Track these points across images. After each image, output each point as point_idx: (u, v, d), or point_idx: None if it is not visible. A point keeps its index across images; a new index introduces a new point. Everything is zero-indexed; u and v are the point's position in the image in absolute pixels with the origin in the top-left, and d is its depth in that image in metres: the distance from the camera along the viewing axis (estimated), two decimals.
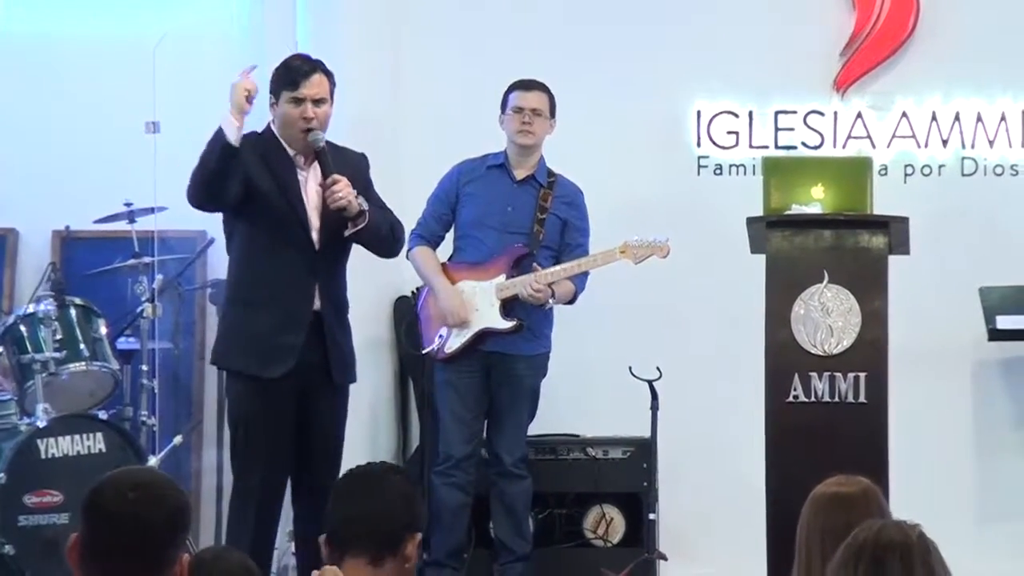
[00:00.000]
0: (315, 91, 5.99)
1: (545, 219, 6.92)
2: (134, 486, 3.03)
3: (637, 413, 6.99)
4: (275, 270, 5.98)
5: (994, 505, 7.54)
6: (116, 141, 7.59)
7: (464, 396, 6.88)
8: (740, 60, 7.87)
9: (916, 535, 2.87)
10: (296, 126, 5.98)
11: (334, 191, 5.91)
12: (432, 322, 6.95)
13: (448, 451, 6.87)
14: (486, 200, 6.93)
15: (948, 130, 7.85)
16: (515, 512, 6.93)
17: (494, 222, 6.91)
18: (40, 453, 6.69)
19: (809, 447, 5.95)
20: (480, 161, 7.00)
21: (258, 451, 5.98)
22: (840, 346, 6.02)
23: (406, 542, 3.72)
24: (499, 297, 6.84)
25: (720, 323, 7.63)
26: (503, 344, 6.86)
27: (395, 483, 3.83)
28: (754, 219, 6.27)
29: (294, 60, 6.15)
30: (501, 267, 6.88)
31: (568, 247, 6.94)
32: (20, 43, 7.98)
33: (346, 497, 3.81)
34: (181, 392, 7.84)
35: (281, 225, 5.97)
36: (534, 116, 6.91)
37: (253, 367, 5.98)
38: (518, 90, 6.96)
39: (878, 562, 2.82)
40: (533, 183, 6.97)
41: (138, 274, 7.37)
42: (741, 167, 7.90)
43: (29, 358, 6.89)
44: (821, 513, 3.69)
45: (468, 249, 6.93)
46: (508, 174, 6.97)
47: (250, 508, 5.99)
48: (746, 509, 6.44)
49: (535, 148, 6.97)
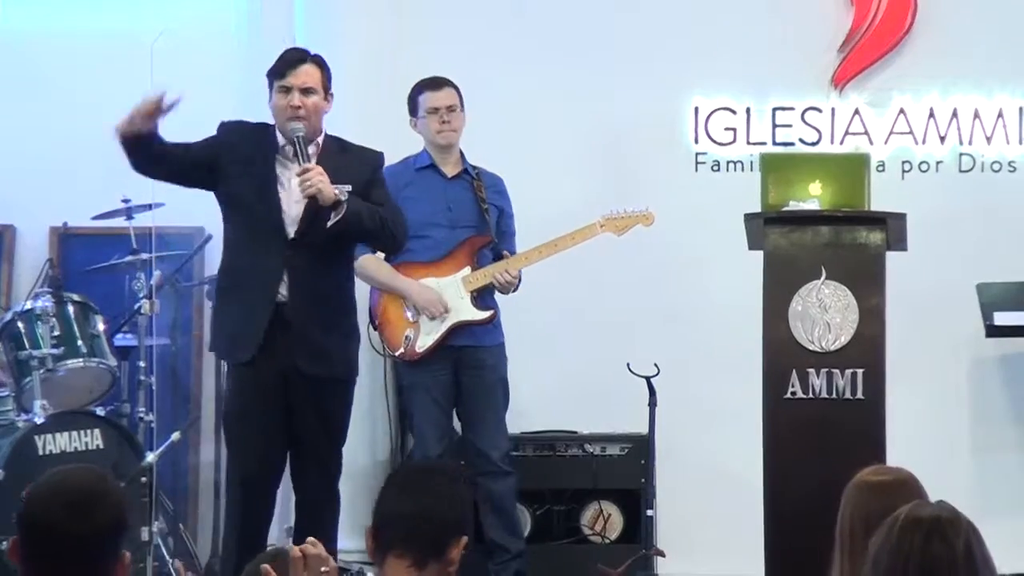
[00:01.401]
0: (302, 80, 6.02)
1: (487, 209, 6.92)
2: (66, 501, 3.04)
3: (635, 410, 7.00)
4: (246, 259, 6.06)
5: (991, 501, 7.54)
6: (114, 138, 7.57)
7: (435, 395, 6.86)
8: (738, 56, 7.86)
9: (953, 512, 2.92)
10: (284, 115, 6.00)
11: (304, 179, 5.92)
12: (393, 325, 6.91)
13: (425, 452, 6.84)
14: (426, 200, 6.90)
15: (946, 126, 7.85)
16: (505, 510, 6.92)
17: (440, 220, 6.90)
18: (38, 450, 6.68)
19: (807, 443, 5.96)
20: (403, 165, 6.96)
21: (239, 435, 6.08)
22: (838, 342, 6.02)
23: (451, 546, 3.60)
24: (468, 289, 6.83)
25: (718, 320, 7.63)
26: (470, 337, 6.86)
27: (445, 484, 3.70)
28: (752, 215, 6.27)
29: (287, 51, 6.22)
30: (463, 260, 6.88)
31: (504, 235, 6.99)
32: (18, 39, 7.97)
33: (394, 494, 3.69)
34: (179, 388, 7.84)
35: (254, 215, 6.03)
36: (449, 113, 6.91)
37: (223, 351, 6.28)
38: (428, 91, 6.95)
39: (924, 535, 2.87)
40: (465, 177, 6.98)
41: (136, 270, 7.37)
42: (739, 163, 7.90)
43: (27, 354, 6.89)
44: (863, 500, 3.74)
45: (419, 249, 6.86)
46: (439, 173, 6.96)
47: (237, 494, 6.08)
48: (744, 505, 6.44)
49: (456, 144, 6.98)
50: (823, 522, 5.46)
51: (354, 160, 6.15)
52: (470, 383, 6.88)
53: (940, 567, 2.85)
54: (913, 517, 2.91)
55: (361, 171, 6.12)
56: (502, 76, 7.09)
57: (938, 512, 2.92)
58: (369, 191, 6.10)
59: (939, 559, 2.85)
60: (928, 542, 2.87)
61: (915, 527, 2.89)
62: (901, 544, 2.87)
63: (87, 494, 3.07)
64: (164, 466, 7.15)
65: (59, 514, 3.01)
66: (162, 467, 7.04)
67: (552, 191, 7.66)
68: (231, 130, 6.17)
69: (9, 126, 7.91)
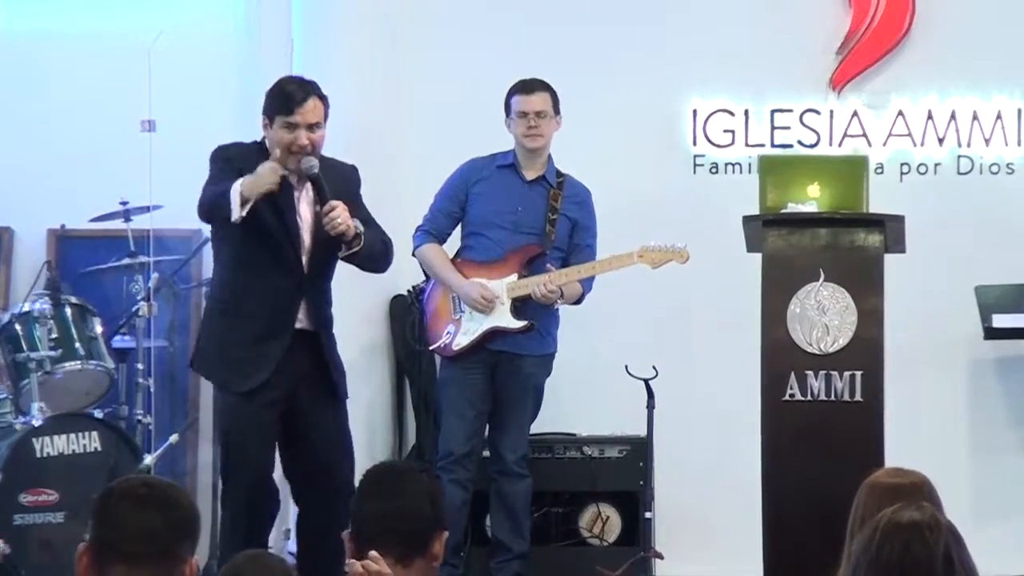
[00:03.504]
0: (309, 117, 5.97)
1: (556, 219, 6.92)
2: (143, 494, 3.08)
3: (633, 412, 7.00)
4: (257, 282, 5.99)
5: (990, 503, 7.54)
6: (112, 139, 7.59)
7: (468, 393, 6.87)
8: (736, 58, 7.86)
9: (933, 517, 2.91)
10: (287, 150, 5.95)
11: (332, 218, 5.89)
12: (439, 318, 6.94)
13: (449, 448, 6.86)
14: (497, 199, 6.92)
15: (944, 128, 7.85)
16: (515, 512, 6.93)
17: (505, 221, 6.91)
18: (36, 452, 6.68)
19: (805, 446, 5.96)
20: (489, 160, 6.99)
21: (245, 470, 6.03)
22: (836, 345, 6.02)
23: (434, 540, 3.68)
24: (510, 296, 6.84)
25: (716, 322, 7.63)
26: (511, 343, 6.86)
27: (421, 480, 3.78)
28: (750, 218, 6.27)
29: (289, 84, 6.10)
30: (513, 266, 6.87)
31: (577, 247, 6.95)
32: (16, 40, 7.96)
33: (373, 494, 3.74)
34: (177, 390, 7.84)
35: (273, 243, 5.97)
36: (539, 119, 6.91)
37: (229, 379, 6.07)
38: (520, 94, 6.94)
39: (903, 541, 2.86)
40: (544, 183, 6.97)
41: (134, 273, 7.37)
42: (737, 166, 7.90)
43: (24, 357, 6.89)
44: (875, 502, 3.72)
45: (478, 247, 6.92)
46: (518, 174, 6.97)
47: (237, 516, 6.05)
48: (742, 508, 6.44)
49: (544, 149, 6.98)
50: (822, 524, 5.48)
51: (338, 177, 6.11)
52: (504, 389, 6.89)
53: (918, 571, 2.84)
54: (892, 521, 2.90)
55: (346, 187, 6.10)
56: (500, 78, 7.08)
57: (918, 516, 2.91)
58: (355, 207, 6.07)
59: (918, 563, 2.85)
60: (907, 547, 2.86)
61: (894, 531, 2.88)
62: (880, 548, 2.87)
63: (164, 491, 3.10)
64: (162, 468, 7.16)
65: (138, 507, 3.04)
66: (160, 469, 7.05)
67: None
68: (236, 155, 6.05)
69: (8, 128, 7.91)
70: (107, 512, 3.08)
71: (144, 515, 3.04)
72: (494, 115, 7.00)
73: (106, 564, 3.03)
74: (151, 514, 3.04)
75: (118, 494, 3.10)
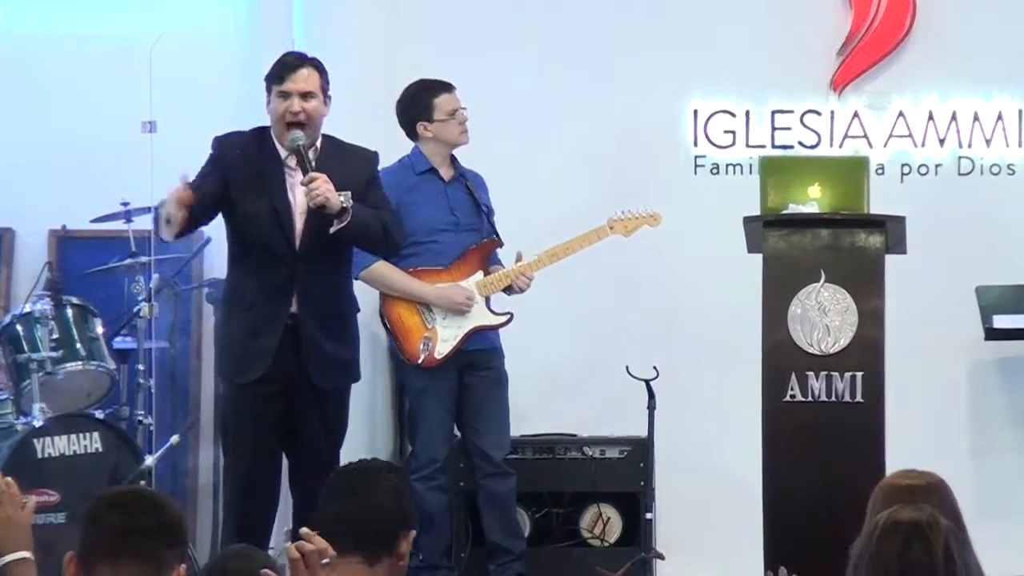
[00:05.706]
0: (302, 85, 5.97)
1: (483, 210, 6.92)
2: (132, 499, 3.13)
3: (634, 413, 7.00)
4: (254, 275, 6.01)
5: (990, 503, 7.53)
6: (113, 140, 7.59)
7: (443, 400, 6.83)
8: (737, 59, 7.86)
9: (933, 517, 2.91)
10: (282, 120, 5.97)
11: (311, 188, 5.87)
12: (409, 333, 6.84)
13: (432, 455, 6.82)
14: (431, 205, 6.86)
15: (945, 129, 7.85)
16: (507, 511, 6.93)
17: (447, 224, 6.86)
18: (37, 453, 6.68)
19: (806, 446, 5.96)
20: (404, 169, 6.89)
21: (241, 453, 6.05)
22: (837, 345, 6.02)
23: (400, 540, 3.69)
24: (484, 293, 6.83)
25: (717, 323, 7.63)
26: (484, 340, 6.85)
27: (387, 480, 3.79)
28: (751, 218, 6.27)
29: (286, 56, 6.16)
30: (475, 264, 6.86)
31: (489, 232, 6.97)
32: (17, 42, 7.97)
33: (338, 494, 3.76)
34: (178, 391, 7.83)
35: (262, 228, 5.97)
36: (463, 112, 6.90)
37: (229, 372, 6.12)
38: (445, 92, 6.88)
39: (902, 540, 2.86)
40: (460, 180, 6.94)
41: (135, 273, 7.36)
42: (738, 166, 7.90)
43: (25, 357, 6.88)
44: (891, 503, 3.72)
45: (427, 255, 6.83)
46: (438, 177, 6.92)
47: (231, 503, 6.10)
48: (743, 508, 6.44)
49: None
50: (822, 525, 5.49)
51: (352, 160, 6.12)
52: (478, 385, 6.86)
53: (919, 571, 2.84)
54: (893, 521, 2.90)
55: (360, 172, 6.10)
56: (499, 78, 7.08)
57: (918, 516, 2.91)
58: (367, 192, 6.09)
59: (918, 563, 2.85)
60: (907, 546, 2.86)
61: (894, 531, 2.88)
62: (880, 548, 2.87)
63: (151, 497, 3.16)
64: (163, 469, 7.16)
65: (123, 510, 3.06)
66: (161, 470, 7.05)
67: (552, 194, 7.67)
68: (230, 144, 6.07)
69: (8, 129, 7.91)
70: (94, 516, 3.09)
71: (129, 516, 3.06)
72: (494, 115, 7.01)
73: (92, 566, 3.03)
74: (137, 515, 3.06)
75: (105, 500, 3.12)
